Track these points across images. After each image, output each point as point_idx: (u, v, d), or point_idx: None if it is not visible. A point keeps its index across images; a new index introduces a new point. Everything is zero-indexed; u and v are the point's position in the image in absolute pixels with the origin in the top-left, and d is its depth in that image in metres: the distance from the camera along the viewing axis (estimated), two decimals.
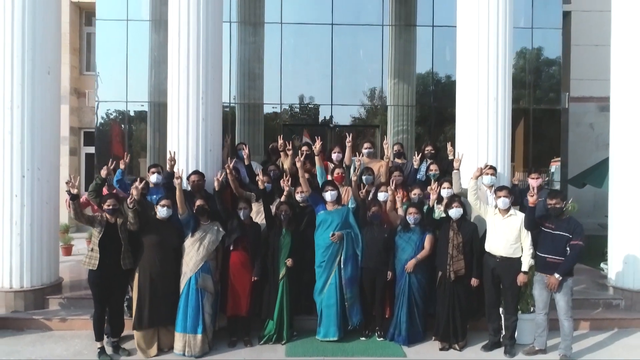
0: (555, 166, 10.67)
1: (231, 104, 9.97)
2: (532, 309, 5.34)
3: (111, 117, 10.37)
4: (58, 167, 6.52)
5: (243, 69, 10.05)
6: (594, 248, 7.76)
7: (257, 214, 5.70)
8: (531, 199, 4.92)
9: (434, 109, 10.30)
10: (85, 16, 13.53)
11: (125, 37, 10.02)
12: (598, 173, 8.50)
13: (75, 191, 4.76)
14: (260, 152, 9.65)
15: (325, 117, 10.36)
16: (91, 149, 12.69)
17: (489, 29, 5.96)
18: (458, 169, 5.78)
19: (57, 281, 6.34)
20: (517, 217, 5.13)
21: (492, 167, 5.78)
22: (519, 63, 10.36)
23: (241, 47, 10.00)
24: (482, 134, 6.03)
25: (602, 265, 7.43)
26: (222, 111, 6.44)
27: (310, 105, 10.37)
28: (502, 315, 5.34)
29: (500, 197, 5.15)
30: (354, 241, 5.47)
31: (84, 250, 9.78)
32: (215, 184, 5.31)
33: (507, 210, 5.16)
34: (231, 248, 5.25)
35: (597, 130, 12.50)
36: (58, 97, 6.48)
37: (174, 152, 5.80)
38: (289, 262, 5.30)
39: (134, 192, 4.88)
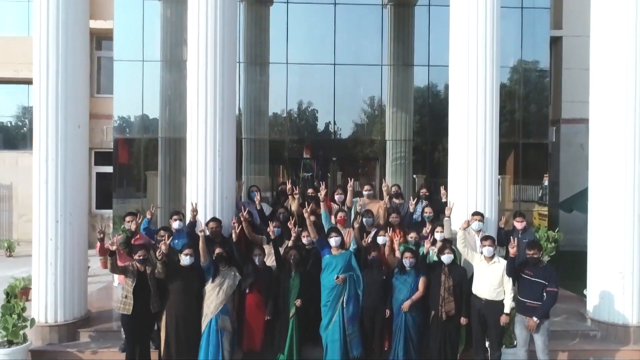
0: (546, 181, 11.36)
1: (239, 139, 10.60)
2: (515, 343, 5.92)
3: (128, 147, 11.11)
4: (87, 212, 7.15)
5: (250, 106, 10.71)
6: (582, 267, 8.26)
7: (268, 256, 6.32)
8: (512, 251, 5.55)
9: (429, 143, 10.93)
10: (95, 41, 14.22)
11: (141, 76, 10.73)
12: (585, 199, 9.03)
13: (114, 248, 5.38)
14: (266, 172, 10.69)
15: (327, 150, 11.07)
16: (101, 169, 13.51)
17: (478, 91, 6.53)
18: (449, 217, 6.42)
19: (86, 315, 6.94)
20: (500, 264, 5.74)
21: (479, 214, 6.39)
22: (510, 87, 11.00)
23: (248, 85, 10.64)
24: (471, 182, 6.60)
25: (584, 292, 8.00)
26: (235, 159, 7.05)
27: (313, 139, 11.07)
28: (488, 349, 5.96)
29: (485, 246, 5.77)
30: (356, 282, 6.06)
31: (99, 270, 10.40)
32: (233, 235, 5.95)
33: (492, 257, 5.78)
34: (247, 291, 5.88)
35: (587, 151, 12.96)
36: (87, 148, 7.13)
37: (195, 204, 6.43)
38: (298, 302, 5.92)
39: (162, 247, 5.45)
